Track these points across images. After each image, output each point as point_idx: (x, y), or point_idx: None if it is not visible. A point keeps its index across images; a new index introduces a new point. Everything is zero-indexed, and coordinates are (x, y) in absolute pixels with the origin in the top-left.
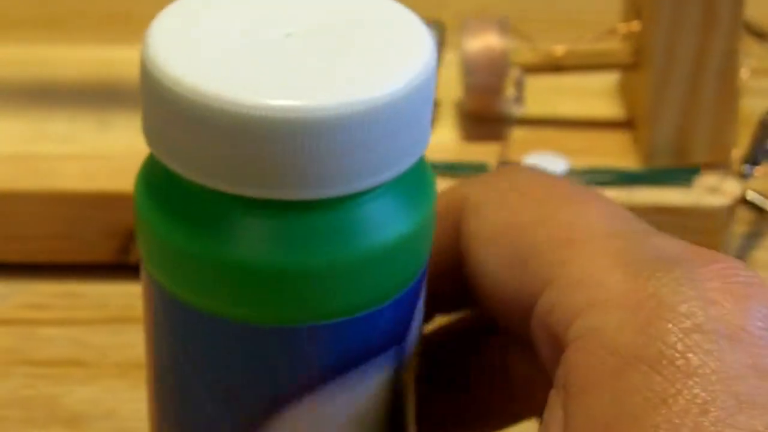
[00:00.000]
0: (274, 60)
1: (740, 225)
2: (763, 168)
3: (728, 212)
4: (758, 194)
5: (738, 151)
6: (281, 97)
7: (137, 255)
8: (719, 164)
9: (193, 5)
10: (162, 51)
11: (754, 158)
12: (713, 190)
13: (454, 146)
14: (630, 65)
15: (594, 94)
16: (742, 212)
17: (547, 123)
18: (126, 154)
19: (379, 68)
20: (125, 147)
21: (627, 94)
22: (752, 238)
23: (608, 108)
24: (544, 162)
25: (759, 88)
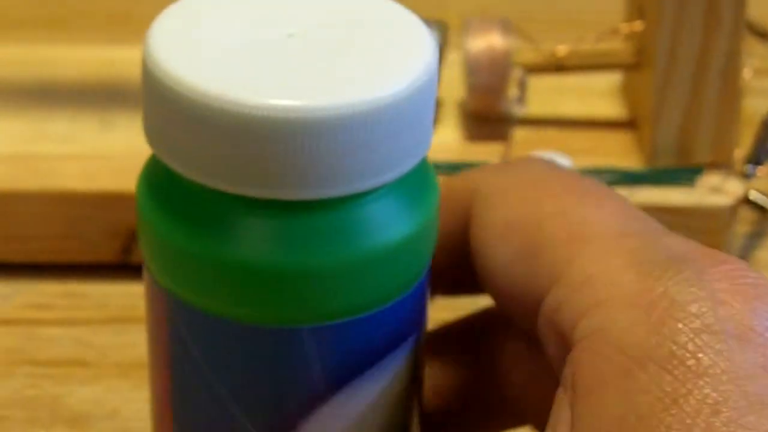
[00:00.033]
0: (276, 60)
1: (743, 225)
2: (766, 168)
3: (731, 212)
4: (761, 194)
5: (740, 151)
6: (283, 97)
7: (139, 255)
8: (722, 164)
9: (195, 5)
10: (163, 51)
11: (757, 158)
12: (716, 190)
13: (457, 146)
14: (632, 65)
15: (597, 94)
16: (745, 212)
17: (550, 123)
18: (127, 154)
19: (381, 69)
20: (126, 147)
21: (630, 94)
22: (755, 238)
23: (611, 108)
24: None
25: (761, 88)
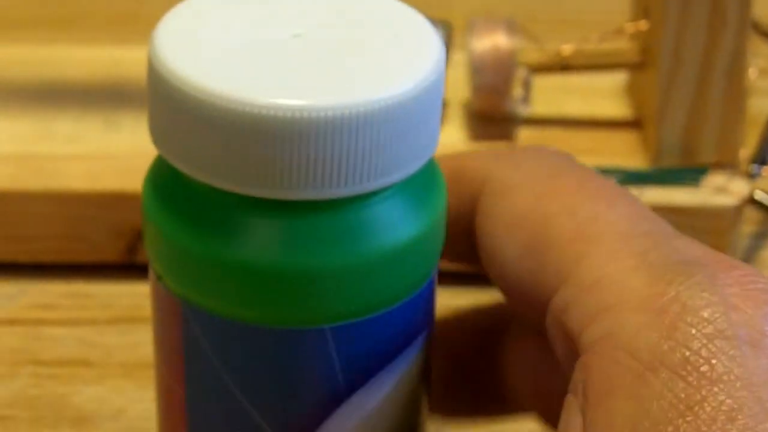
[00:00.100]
0: (282, 60)
1: (748, 225)
2: None
3: (736, 212)
4: (766, 194)
5: (746, 151)
6: (289, 97)
7: (144, 255)
8: (727, 164)
9: (201, 5)
10: (169, 51)
11: (762, 158)
12: (721, 190)
13: (462, 146)
14: (637, 65)
15: (601, 94)
16: (750, 212)
17: (555, 123)
18: (132, 154)
19: (388, 68)
20: (131, 147)
21: (634, 94)
22: (760, 238)
23: (616, 108)
24: None
25: (766, 88)
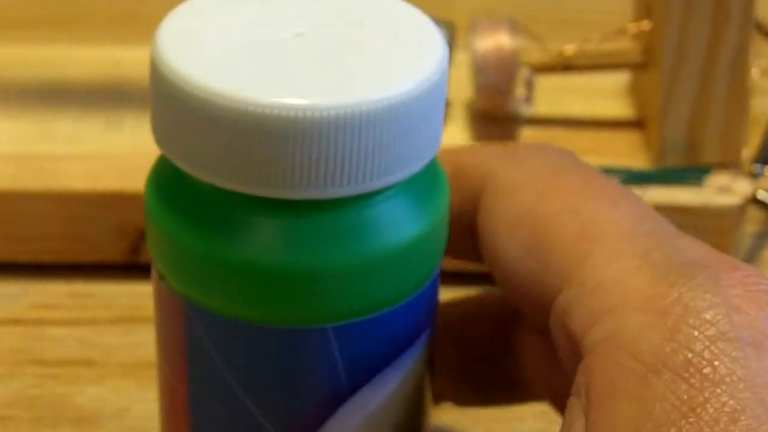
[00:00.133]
0: (285, 59)
1: (751, 224)
2: None
3: (739, 212)
4: None
5: (748, 151)
6: (292, 96)
7: (147, 255)
8: (730, 164)
9: (203, 5)
10: (172, 50)
11: (765, 158)
12: (724, 190)
13: None
14: (640, 64)
15: (604, 94)
16: (753, 212)
17: (557, 122)
18: (134, 154)
19: (392, 68)
20: (133, 147)
21: (637, 94)
22: (763, 238)
23: (618, 107)
24: None
25: None
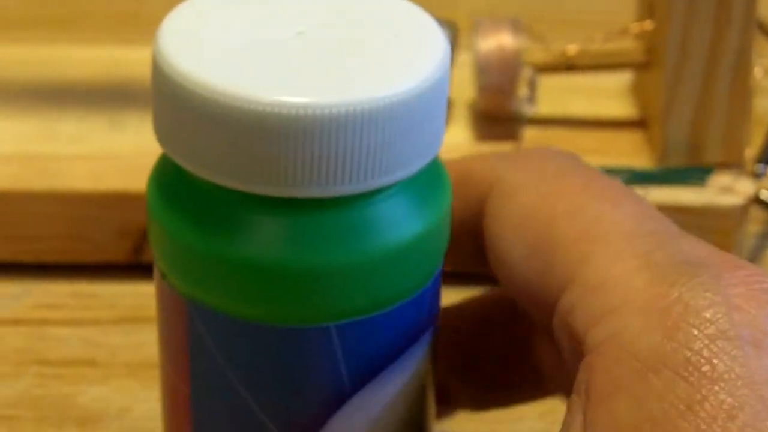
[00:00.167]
0: (286, 58)
1: (754, 224)
2: None
3: (741, 212)
4: None
5: (751, 151)
6: (293, 94)
7: (149, 255)
8: (733, 164)
9: (204, 4)
10: (173, 49)
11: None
12: (727, 190)
13: (467, 146)
14: (643, 64)
15: (607, 94)
16: (756, 212)
17: (560, 122)
18: (137, 154)
19: (393, 66)
20: (136, 147)
21: (640, 94)
22: (766, 238)
23: (621, 107)
24: None
25: None
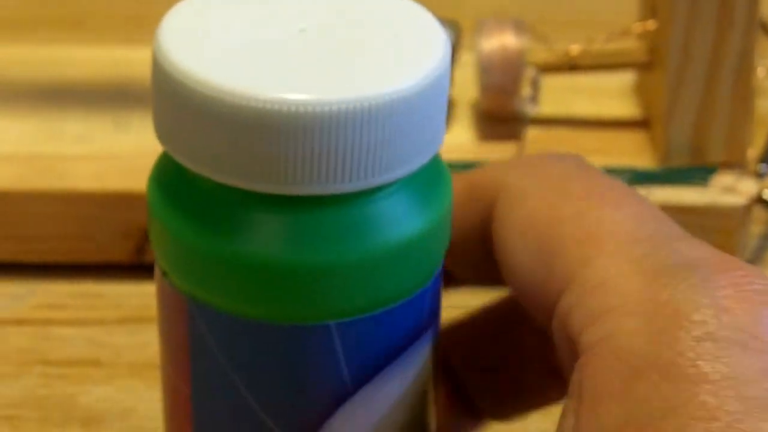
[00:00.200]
0: (286, 55)
1: (756, 224)
2: None
3: (744, 212)
4: None
5: (754, 151)
6: (293, 92)
7: (153, 255)
8: (735, 164)
9: (204, 2)
10: (173, 46)
11: None
12: (729, 190)
13: (470, 146)
14: (645, 64)
15: (610, 94)
16: (758, 212)
17: (563, 122)
18: (141, 154)
19: (394, 64)
20: (140, 147)
21: (643, 94)
22: None
23: (624, 107)
24: None
25: None
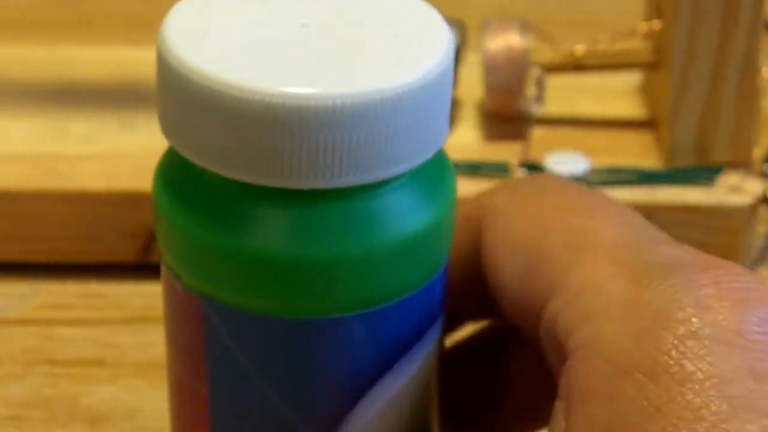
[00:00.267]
0: (291, 50)
1: (762, 224)
2: None
3: (750, 211)
4: None
5: (759, 151)
6: (298, 86)
7: (158, 255)
8: (740, 163)
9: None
10: (178, 41)
11: None
12: (735, 190)
13: (476, 146)
14: (651, 64)
15: (615, 94)
16: (764, 211)
17: (568, 122)
18: (147, 154)
19: (397, 59)
20: (147, 147)
21: (648, 94)
22: None
23: (629, 107)
24: (566, 161)
25: None
